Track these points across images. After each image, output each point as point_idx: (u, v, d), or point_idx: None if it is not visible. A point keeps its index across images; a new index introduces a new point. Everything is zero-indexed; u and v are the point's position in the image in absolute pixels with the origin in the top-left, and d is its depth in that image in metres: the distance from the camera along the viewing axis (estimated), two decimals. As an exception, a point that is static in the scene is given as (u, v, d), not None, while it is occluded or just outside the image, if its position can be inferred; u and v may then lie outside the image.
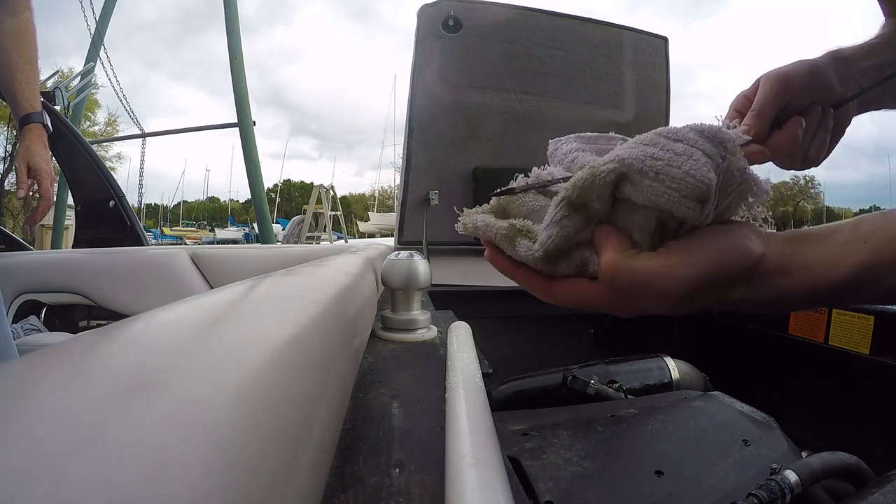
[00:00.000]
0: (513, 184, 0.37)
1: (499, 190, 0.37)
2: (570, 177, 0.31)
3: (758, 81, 0.46)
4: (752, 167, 0.30)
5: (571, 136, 0.41)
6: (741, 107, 0.46)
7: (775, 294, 0.28)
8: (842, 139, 0.50)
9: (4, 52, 0.92)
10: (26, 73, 0.94)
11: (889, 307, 0.92)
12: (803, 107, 0.46)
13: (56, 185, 0.98)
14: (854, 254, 0.27)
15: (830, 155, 0.50)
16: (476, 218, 0.36)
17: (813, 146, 0.47)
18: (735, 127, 0.29)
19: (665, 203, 0.27)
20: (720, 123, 0.30)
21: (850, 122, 0.51)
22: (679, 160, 0.26)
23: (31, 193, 0.92)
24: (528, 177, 0.37)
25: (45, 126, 0.95)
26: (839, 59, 0.48)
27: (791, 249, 0.28)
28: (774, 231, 0.30)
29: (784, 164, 0.47)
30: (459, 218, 0.38)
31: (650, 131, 0.28)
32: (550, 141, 0.42)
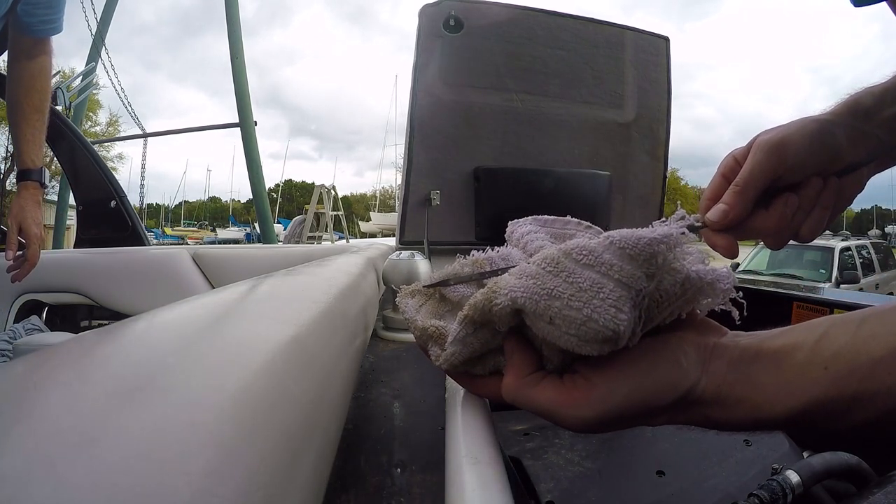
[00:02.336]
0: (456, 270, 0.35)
1: (432, 282, 0.36)
2: (509, 268, 0.29)
3: (752, 142, 0.38)
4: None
5: (528, 218, 0.39)
6: (729, 172, 0.39)
7: (708, 420, 0.25)
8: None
9: (14, 97, 0.91)
10: (32, 123, 0.92)
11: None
12: (801, 179, 0.38)
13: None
14: (810, 384, 0.23)
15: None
16: (407, 303, 0.36)
17: (806, 225, 0.39)
18: (687, 222, 0.26)
19: (564, 345, 0.24)
20: (678, 213, 0.27)
21: (862, 187, 0.41)
22: (583, 298, 0.23)
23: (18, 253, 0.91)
24: (475, 253, 0.36)
25: (42, 184, 0.94)
26: (857, 113, 0.39)
27: (735, 376, 0.25)
28: (725, 343, 0.26)
29: (767, 244, 0.40)
30: (396, 298, 0.37)
31: (562, 252, 0.25)
32: (510, 222, 0.40)
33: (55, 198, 6.44)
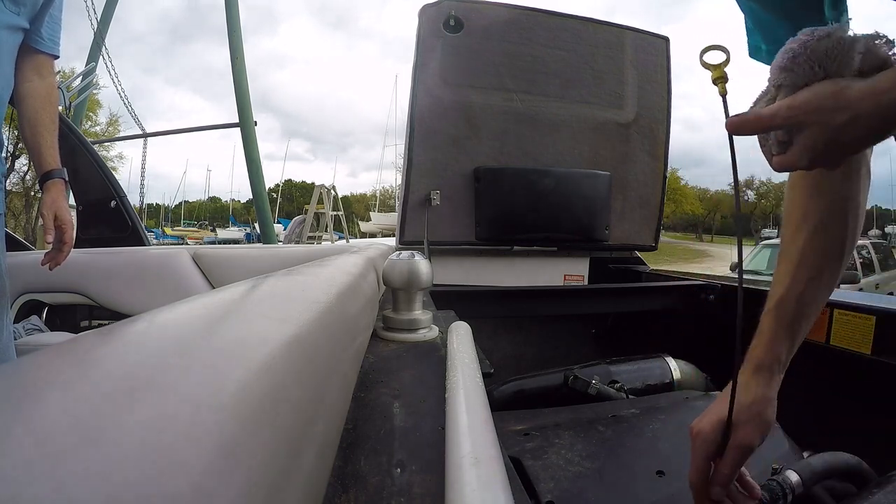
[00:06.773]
0: None
1: None
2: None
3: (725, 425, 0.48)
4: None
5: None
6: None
7: None
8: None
9: (33, 111, 1.03)
10: (51, 132, 1.06)
11: (890, 307, 0.92)
12: None
13: (74, 229, 1.06)
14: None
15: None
16: None
17: None
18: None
19: None
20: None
21: None
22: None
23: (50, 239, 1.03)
24: None
25: (66, 181, 1.07)
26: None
27: None
28: None
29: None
30: None
31: None
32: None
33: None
